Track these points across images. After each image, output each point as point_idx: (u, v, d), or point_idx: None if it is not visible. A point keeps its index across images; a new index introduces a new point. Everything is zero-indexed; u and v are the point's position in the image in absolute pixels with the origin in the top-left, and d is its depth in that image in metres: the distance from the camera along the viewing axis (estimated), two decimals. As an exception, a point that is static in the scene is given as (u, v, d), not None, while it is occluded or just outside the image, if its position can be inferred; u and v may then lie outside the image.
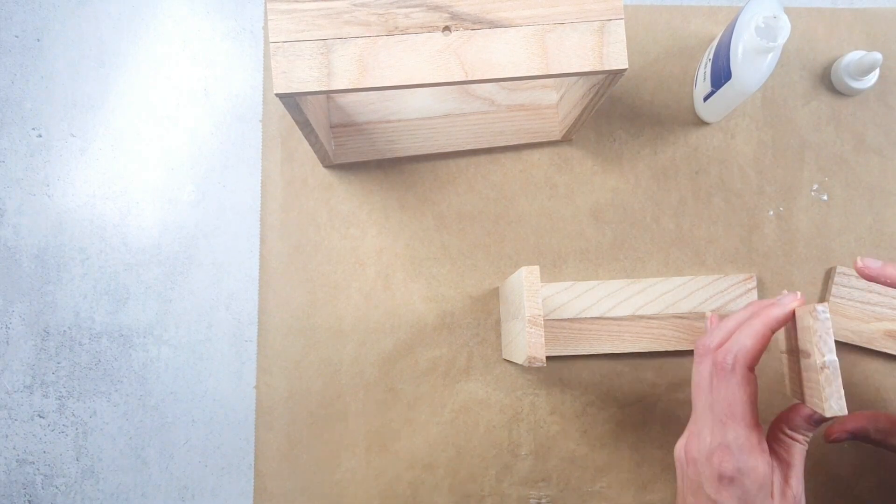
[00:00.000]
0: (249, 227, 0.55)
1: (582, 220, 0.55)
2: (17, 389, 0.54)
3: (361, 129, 0.54)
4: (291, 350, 0.53)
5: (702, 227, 0.55)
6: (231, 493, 0.54)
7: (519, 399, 0.53)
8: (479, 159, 0.55)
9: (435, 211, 0.55)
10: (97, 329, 0.54)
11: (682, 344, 0.52)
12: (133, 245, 0.55)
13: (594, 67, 0.40)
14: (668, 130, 0.56)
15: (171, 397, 0.54)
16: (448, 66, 0.39)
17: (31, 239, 0.55)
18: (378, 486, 0.52)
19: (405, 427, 0.53)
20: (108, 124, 0.56)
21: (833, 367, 0.33)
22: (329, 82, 0.39)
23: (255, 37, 0.57)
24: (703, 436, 0.38)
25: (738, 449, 0.37)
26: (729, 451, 0.37)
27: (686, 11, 0.57)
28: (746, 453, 0.37)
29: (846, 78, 0.54)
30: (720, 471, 0.37)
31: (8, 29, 0.56)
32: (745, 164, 0.55)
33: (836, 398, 0.33)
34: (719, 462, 0.37)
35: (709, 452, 0.38)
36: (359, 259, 0.54)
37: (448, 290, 0.54)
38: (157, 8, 0.57)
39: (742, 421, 0.37)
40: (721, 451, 0.37)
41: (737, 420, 0.37)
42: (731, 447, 0.37)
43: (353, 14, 0.39)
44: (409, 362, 0.53)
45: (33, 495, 0.53)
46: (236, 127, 0.56)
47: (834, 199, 0.55)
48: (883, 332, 0.52)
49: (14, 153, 0.55)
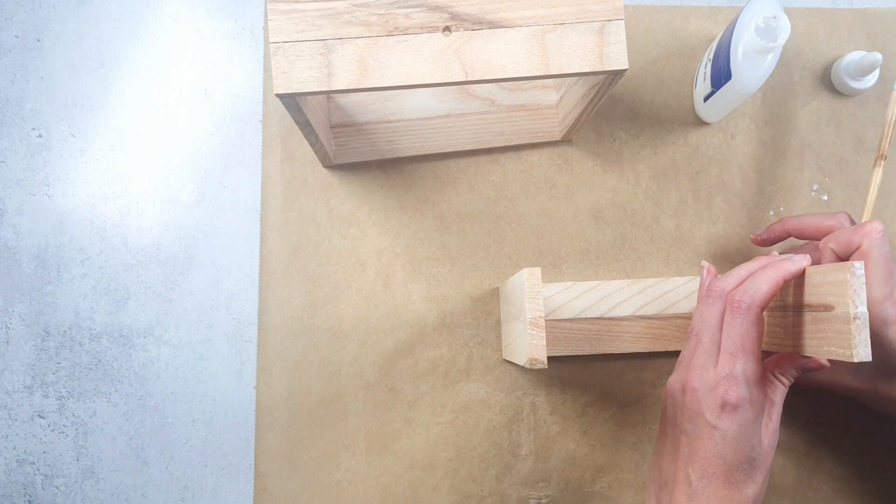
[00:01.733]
0: (249, 227, 0.55)
1: (582, 220, 0.55)
2: (17, 389, 0.54)
3: (361, 129, 0.54)
4: (291, 350, 0.53)
5: (702, 227, 0.55)
6: (231, 493, 0.54)
7: (519, 399, 0.53)
8: (479, 159, 0.55)
9: (435, 211, 0.55)
10: (97, 329, 0.54)
11: (682, 344, 0.52)
12: (133, 245, 0.55)
13: (594, 68, 0.40)
14: (668, 130, 0.56)
15: (171, 397, 0.54)
16: (448, 66, 0.39)
17: (31, 239, 0.55)
18: (378, 486, 0.52)
19: (405, 427, 0.53)
20: (108, 124, 0.56)
21: (864, 318, 0.37)
22: (329, 82, 0.39)
23: (255, 37, 0.57)
24: (707, 367, 0.41)
25: (745, 379, 0.40)
26: (736, 380, 0.40)
27: (686, 11, 0.57)
28: (752, 384, 0.40)
29: (846, 78, 0.54)
30: (725, 398, 0.40)
31: (8, 29, 0.56)
32: (745, 164, 0.55)
33: (864, 346, 0.37)
34: (725, 390, 0.40)
35: (713, 382, 0.40)
36: (359, 259, 0.54)
37: (448, 290, 0.54)
38: (157, 8, 0.57)
39: (752, 355, 0.40)
40: (728, 381, 0.40)
41: (748, 353, 0.40)
42: (739, 377, 0.40)
43: (354, 14, 0.39)
44: (409, 362, 0.53)
45: (33, 495, 0.53)
46: (236, 127, 0.56)
47: (834, 199, 0.55)
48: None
49: (14, 153, 0.55)
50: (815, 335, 0.41)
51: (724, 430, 0.39)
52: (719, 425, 0.40)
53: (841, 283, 0.38)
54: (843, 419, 0.54)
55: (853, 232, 0.44)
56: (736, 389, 0.39)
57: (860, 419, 0.53)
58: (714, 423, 0.40)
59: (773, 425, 0.41)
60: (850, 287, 0.38)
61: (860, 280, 0.38)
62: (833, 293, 0.39)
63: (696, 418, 0.41)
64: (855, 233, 0.43)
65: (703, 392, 0.41)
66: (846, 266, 0.38)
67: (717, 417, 0.40)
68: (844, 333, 0.38)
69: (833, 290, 0.39)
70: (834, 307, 0.39)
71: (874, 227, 0.43)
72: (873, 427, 0.53)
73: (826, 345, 0.40)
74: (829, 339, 0.40)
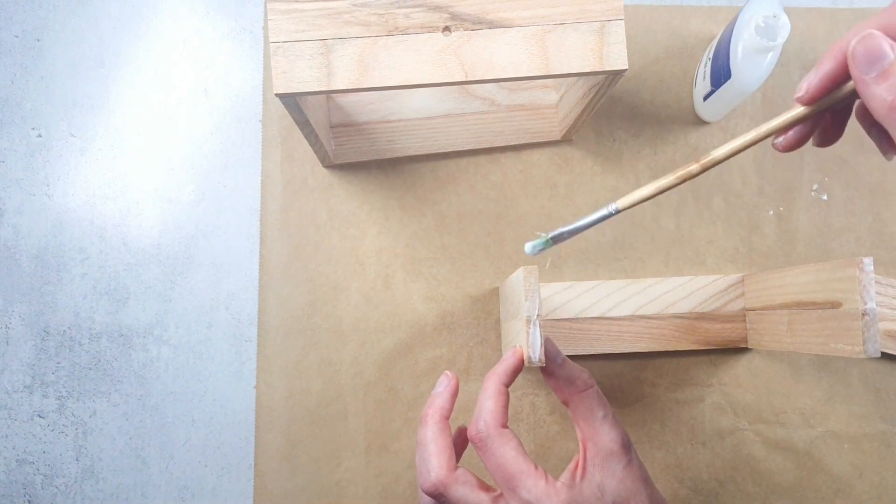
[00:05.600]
0: (249, 227, 0.55)
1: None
2: (17, 389, 0.54)
3: (361, 129, 0.54)
4: (291, 350, 0.53)
5: (702, 227, 0.55)
6: (231, 493, 0.54)
7: (519, 399, 0.53)
8: (479, 159, 0.55)
9: (435, 211, 0.55)
10: (97, 329, 0.54)
11: (682, 344, 0.52)
12: (133, 245, 0.55)
13: (594, 68, 0.40)
14: (668, 130, 0.56)
15: (171, 397, 0.54)
16: (448, 66, 0.39)
17: (31, 239, 0.55)
18: (378, 486, 0.52)
19: (405, 427, 0.53)
20: (108, 124, 0.56)
21: (873, 314, 0.37)
22: (329, 82, 0.39)
23: (255, 37, 0.57)
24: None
25: (535, 500, 0.37)
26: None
27: (686, 11, 0.57)
28: (544, 497, 0.37)
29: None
30: None
31: (8, 29, 0.56)
32: (745, 164, 0.55)
33: (873, 342, 0.37)
34: None
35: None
36: (359, 259, 0.54)
37: (448, 290, 0.54)
38: (157, 8, 0.57)
39: (522, 474, 0.37)
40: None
41: (517, 476, 0.37)
42: (531, 501, 0.37)
43: (354, 14, 0.39)
44: (409, 362, 0.53)
45: (33, 495, 0.53)
46: (236, 127, 0.56)
47: (834, 199, 0.55)
48: (883, 333, 0.52)
49: (14, 153, 0.55)
50: (822, 333, 0.41)
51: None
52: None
53: (849, 280, 0.38)
54: (843, 419, 0.54)
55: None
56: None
57: (860, 419, 0.54)
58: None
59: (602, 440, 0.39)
60: (858, 283, 0.38)
61: (869, 276, 0.38)
62: (841, 289, 0.39)
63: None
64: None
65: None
66: (854, 262, 0.38)
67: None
68: (854, 330, 0.38)
69: (841, 286, 0.39)
70: (842, 304, 0.39)
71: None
72: (873, 427, 0.53)
73: (833, 342, 0.40)
74: (837, 336, 0.39)
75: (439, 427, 0.39)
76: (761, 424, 0.54)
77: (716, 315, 0.53)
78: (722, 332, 0.52)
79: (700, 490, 0.53)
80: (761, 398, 0.54)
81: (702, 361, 0.54)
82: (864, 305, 0.37)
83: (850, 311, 0.38)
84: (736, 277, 0.53)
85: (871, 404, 0.54)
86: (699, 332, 0.52)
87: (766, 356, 0.54)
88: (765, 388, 0.54)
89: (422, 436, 0.40)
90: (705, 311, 0.53)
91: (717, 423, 0.54)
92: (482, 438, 0.38)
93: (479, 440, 0.38)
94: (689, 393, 0.54)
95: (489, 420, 0.38)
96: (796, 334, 0.43)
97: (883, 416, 0.54)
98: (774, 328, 0.46)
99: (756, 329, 0.51)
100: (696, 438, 0.53)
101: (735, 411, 0.54)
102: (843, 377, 0.54)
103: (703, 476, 0.53)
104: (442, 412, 0.40)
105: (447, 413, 0.40)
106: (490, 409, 0.38)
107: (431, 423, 0.39)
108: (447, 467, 0.38)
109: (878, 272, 0.53)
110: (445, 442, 0.39)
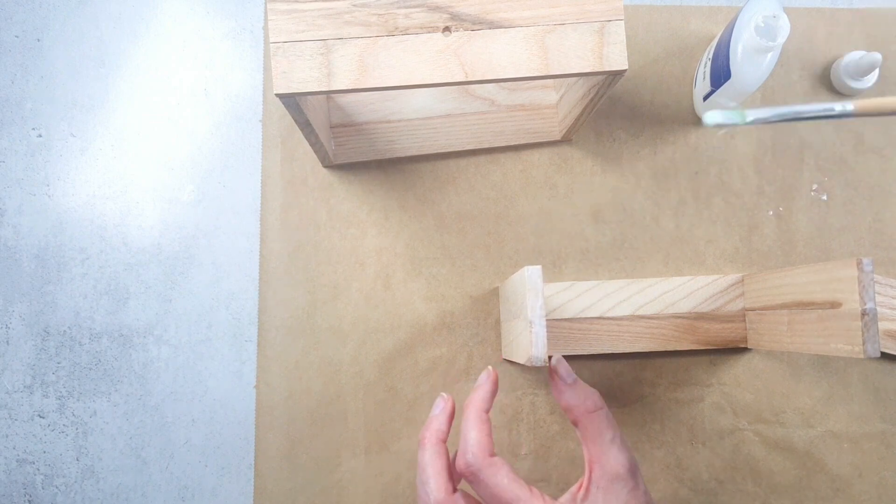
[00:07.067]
0: (249, 227, 0.55)
1: (582, 220, 0.55)
2: (17, 389, 0.54)
3: (361, 129, 0.54)
4: (291, 350, 0.53)
5: (701, 227, 0.55)
6: (231, 493, 0.54)
7: (519, 399, 0.53)
8: (479, 159, 0.55)
9: (435, 211, 0.55)
10: (97, 329, 0.54)
11: (682, 344, 0.52)
12: (133, 245, 0.55)
13: (594, 68, 0.40)
14: (668, 130, 0.56)
15: (171, 397, 0.54)
16: (448, 66, 0.39)
17: (31, 239, 0.55)
18: (378, 486, 0.52)
19: (405, 427, 0.53)
20: (108, 124, 0.56)
21: (873, 314, 0.37)
22: (329, 82, 0.39)
23: (255, 37, 0.57)
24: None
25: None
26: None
27: (686, 11, 0.57)
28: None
29: (846, 78, 0.54)
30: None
31: (8, 29, 0.56)
32: (744, 164, 0.55)
33: (873, 342, 0.37)
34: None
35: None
36: (359, 259, 0.54)
37: (448, 290, 0.54)
38: (157, 8, 0.57)
39: (519, 500, 0.37)
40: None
41: (514, 502, 0.37)
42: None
43: (354, 14, 0.39)
44: (409, 362, 0.53)
45: (33, 495, 0.53)
46: (236, 127, 0.56)
47: (834, 199, 0.55)
48: (883, 333, 0.52)
49: (14, 153, 0.55)
50: (821, 333, 0.41)
51: None
52: None
53: (849, 280, 0.38)
54: (842, 419, 0.54)
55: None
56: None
57: (860, 419, 0.54)
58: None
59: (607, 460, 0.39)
60: (858, 283, 0.38)
61: (869, 276, 0.38)
62: (840, 289, 0.39)
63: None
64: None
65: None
66: (854, 262, 0.38)
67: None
68: (853, 330, 0.38)
69: (841, 286, 0.39)
70: (842, 304, 0.39)
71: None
72: (873, 427, 0.54)
73: (833, 342, 0.40)
74: (837, 336, 0.39)
75: (436, 450, 0.40)
76: (761, 424, 0.54)
77: (715, 315, 0.53)
78: (722, 332, 0.52)
79: (700, 490, 0.53)
80: (761, 398, 0.54)
81: (701, 361, 0.54)
82: (863, 305, 0.37)
83: (850, 311, 0.38)
84: (736, 277, 0.53)
85: (870, 404, 0.54)
86: (699, 332, 0.52)
87: (765, 356, 0.54)
88: (764, 388, 0.54)
89: (420, 459, 0.40)
90: (705, 311, 0.53)
91: (716, 422, 0.54)
92: (473, 471, 0.38)
93: (470, 473, 0.38)
94: (689, 393, 0.54)
95: (476, 451, 0.38)
96: (796, 334, 0.43)
97: (882, 415, 0.54)
98: (774, 328, 0.46)
99: (756, 329, 0.51)
100: (695, 438, 0.54)
101: (735, 411, 0.54)
102: (843, 377, 0.54)
103: (703, 476, 0.53)
104: (439, 435, 0.41)
105: (444, 436, 0.41)
106: (475, 440, 0.38)
107: (429, 447, 0.40)
108: (445, 490, 0.38)
109: (878, 272, 0.53)
110: (443, 464, 0.39)
